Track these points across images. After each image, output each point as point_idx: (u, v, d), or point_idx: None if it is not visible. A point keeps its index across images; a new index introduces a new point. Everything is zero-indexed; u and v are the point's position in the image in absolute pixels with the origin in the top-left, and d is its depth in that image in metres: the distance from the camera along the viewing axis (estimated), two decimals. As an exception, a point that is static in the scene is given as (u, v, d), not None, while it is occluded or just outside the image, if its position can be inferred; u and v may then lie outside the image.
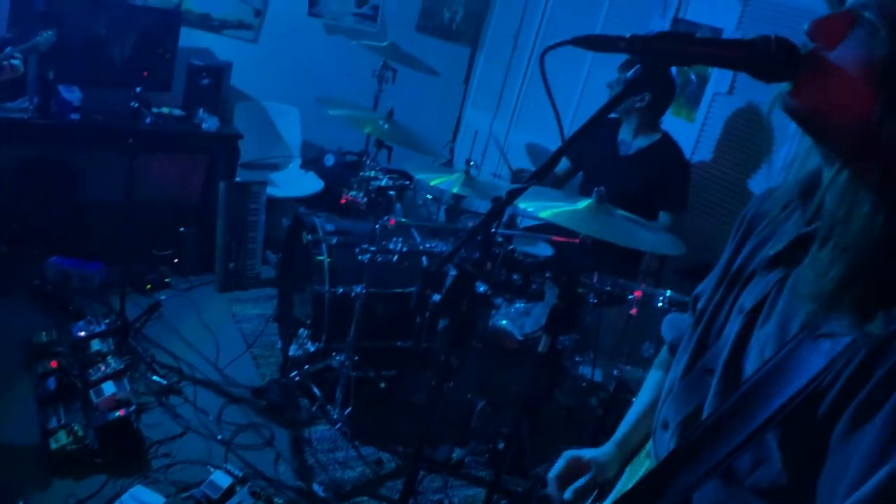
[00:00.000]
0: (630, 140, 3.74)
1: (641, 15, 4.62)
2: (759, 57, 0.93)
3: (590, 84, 4.90)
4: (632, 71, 1.00)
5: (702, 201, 4.04)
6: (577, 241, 2.38)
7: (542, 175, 1.28)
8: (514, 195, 1.39)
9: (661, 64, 0.98)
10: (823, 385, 0.87)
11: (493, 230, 1.62)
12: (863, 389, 0.82)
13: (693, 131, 4.23)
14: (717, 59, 0.97)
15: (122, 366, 3.31)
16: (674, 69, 4.39)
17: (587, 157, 3.95)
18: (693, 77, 4.32)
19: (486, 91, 5.89)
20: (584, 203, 2.39)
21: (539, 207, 2.30)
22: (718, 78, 4.16)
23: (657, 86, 3.59)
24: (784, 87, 0.94)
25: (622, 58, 3.58)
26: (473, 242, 1.59)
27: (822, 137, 0.95)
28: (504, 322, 3.69)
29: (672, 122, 4.12)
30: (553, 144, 4.75)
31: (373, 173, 3.11)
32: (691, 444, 1.00)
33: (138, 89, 3.44)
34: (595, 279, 2.90)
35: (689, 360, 1.16)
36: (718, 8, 4.20)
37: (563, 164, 4.09)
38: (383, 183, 2.98)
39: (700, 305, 1.25)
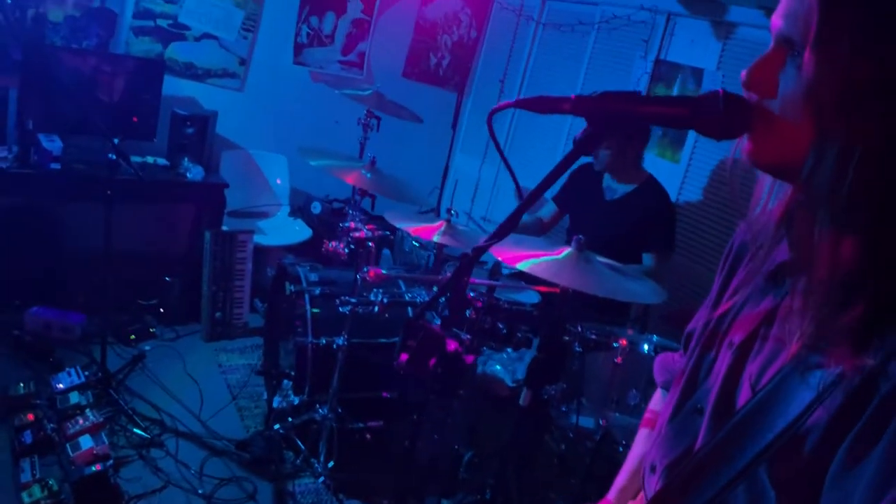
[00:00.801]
0: (616, 185, 3.73)
1: (624, 57, 4.65)
2: (706, 115, 0.91)
3: (576, 127, 4.90)
4: (580, 132, 0.98)
5: (689, 243, 4.02)
6: (557, 290, 2.34)
7: (504, 234, 1.25)
8: (479, 252, 1.36)
9: (607, 125, 0.95)
10: (814, 418, 0.83)
11: (462, 287, 1.58)
12: (858, 421, 0.78)
13: (678, 172, 4.23)
14: (664, 119, 0.95)
15: (101, 419, 3.25)
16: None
17: (573, 202, 3.93)
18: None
19: (474, 136, 5.91)
20: (564, 253, 2.36)
21: (518, 258, 2.27)
22: (703, 119, 4.15)
23: (635, 137, 3.59)
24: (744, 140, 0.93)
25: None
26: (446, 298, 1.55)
27: (788, 180, 0.94)
28: (497, 367, 3.64)
29: (657, 164, 4.12)
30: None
31: (353, 224, 3.09)
32: (680, 482, 0.96)
33: (116, 140, 3.41)
34: (580, 327, 2.86)
35: (679, 400, 1.12)
36: (699, 48, 4.23)
37: (550, 208, 4.07)
38: (363, 234, 2.95)
39: (693, 344, 1.21)
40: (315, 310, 3.26)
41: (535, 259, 2.26)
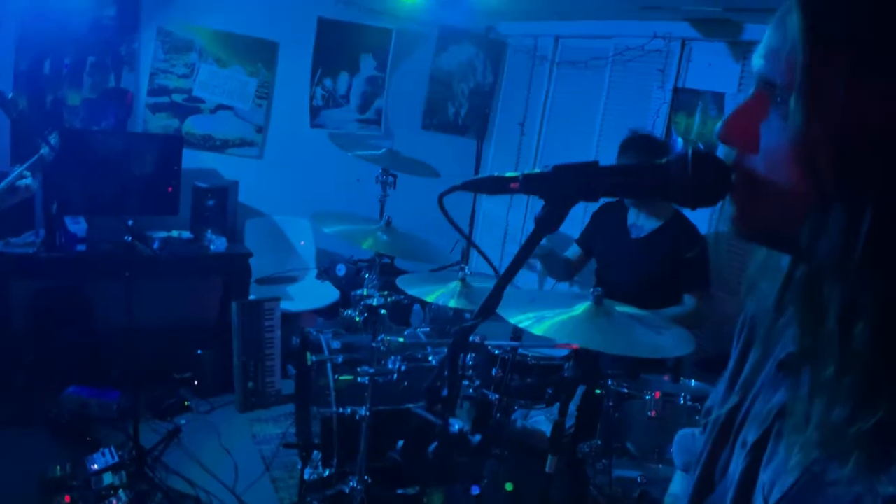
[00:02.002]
0: (641, 222, 3.60)
1: (642, 88, 4.56)
2: (676, 182, 0.80)
3: (604, 151, 4.81)
4: (540, 209, 0.88)
5: (724, 278, 3.84)
6: (575, 347, 2.22)
7: (489, 311, 1.15)
8: (467, 332, 1.28)
9: (563, 202, 0.85)
10: None
11: (459, 363, 1.48)
12: None
13: (709, 203, 4.08)
14: (628, 190, 0.85)
15: (133, 498, 3.22)
16: (680, 141, 4.29)
17: (598, 243, 3.81)
18: (701, 146, 4.19)
19: (498, 181, 5.83)
20: (581, 307, 2.24)
21: (533, 319, 2.15)
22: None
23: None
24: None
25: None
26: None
27: (784, 250, 0.81)
28: (540, 418, 3.51)
29: (685, 196, 3.98)
30: (571, 230, 4.64)
31: (366, 291, 3.01)
32: None
33: (130, 222, 3.43)
34: (610, 381, 2.73)
35: (694, 499, 0.99)
36: (717, 72, 4.12)
37: (576, 251, 3.95)
38: (375, 302, 2.87)
39: (709, 429, 1.08)
40: (338, 378, 3.17)
41: (551, 319, 2.14)
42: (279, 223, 5.21)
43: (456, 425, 1.61)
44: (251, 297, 4.57)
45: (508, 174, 0.87)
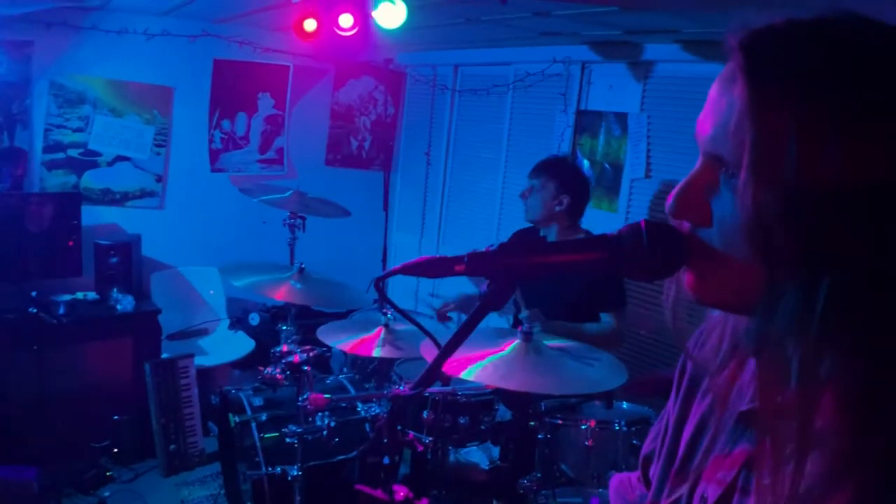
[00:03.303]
0: (553, 247, 3.59)
1: (544, 113, 4.60)
2: (630, 256, 0.77)
3: (510, 182, 4.84)
4: (485, 285, 0.84)
5: (644, 294, 3.90)
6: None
7: (428, 384, 1.13)
8: (404, 401, 1.26)
9: (511, 280, 0.81)
10: None
11: (399, 427, 1.44)
12: None
13: (618, 221, 4.14)
14: (579, 266, 0.80)
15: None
16: (586, 163, 4.34)
17: (515, 271, 3.80)
18: (607, 166, 4.26)
19: (407, 213, 5.81)
20: (510, 346, 2.20)
21: (460, 364, 2.10)
22: (633, 163, 4.10)
23: (573, 187, 3.49)
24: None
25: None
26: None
27: (743, 314, 0.78)
28: (473, 449, 3.45)
29: (595, 215, 4.03)
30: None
31: (286, 347, 2.91)
32: None
33: (34, 293, 3.24)
34: (544, 417, 2.70)
35: None
36: (619, 92, 4.18)
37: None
38: (297, 358, 2.77)
39: (654, 484, 1.03)
40: (264, 436, 3.05)
41: (480, 362, 2.10)
42: (185, 274, 5.01)
43: (401, 492, 1.55)
44: (164, 355, 4.38)
45: (451, 256, 0.82)
